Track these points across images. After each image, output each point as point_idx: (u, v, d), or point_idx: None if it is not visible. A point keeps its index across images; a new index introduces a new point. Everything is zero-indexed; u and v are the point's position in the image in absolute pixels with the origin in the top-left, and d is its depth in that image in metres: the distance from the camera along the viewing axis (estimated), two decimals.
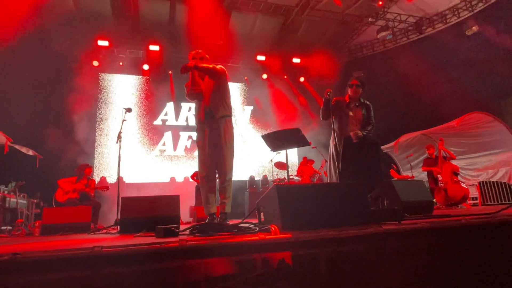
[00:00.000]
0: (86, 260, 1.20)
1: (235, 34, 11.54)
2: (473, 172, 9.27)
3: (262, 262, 1.36)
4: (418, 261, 1.60)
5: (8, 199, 7.39)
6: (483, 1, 10.54)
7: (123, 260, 1.24)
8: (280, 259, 1.38)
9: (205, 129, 3.38)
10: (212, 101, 3.37)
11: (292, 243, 1.43)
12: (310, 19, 11.34)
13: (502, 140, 8.54)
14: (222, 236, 1.68)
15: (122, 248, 1.30)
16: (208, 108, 3.35)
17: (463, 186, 6.64)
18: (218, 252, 1.34)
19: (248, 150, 12.16)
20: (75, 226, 4.18)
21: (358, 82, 3.94)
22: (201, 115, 3.37)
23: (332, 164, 3.78)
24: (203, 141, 3.39)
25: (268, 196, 1.87)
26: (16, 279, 1.12)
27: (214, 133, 3.35)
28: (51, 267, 1.16)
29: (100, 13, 10.41)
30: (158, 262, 1.27)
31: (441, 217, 2.46)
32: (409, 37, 12.35)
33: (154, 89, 11.65)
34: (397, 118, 11.10)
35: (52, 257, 1.20)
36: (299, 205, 1.73)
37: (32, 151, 8.10)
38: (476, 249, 1.72)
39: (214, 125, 3.36)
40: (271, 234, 1.55)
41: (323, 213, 1.74)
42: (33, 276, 1.14)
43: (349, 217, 1.77)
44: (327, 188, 1.85)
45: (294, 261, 1.40)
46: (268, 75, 12.79)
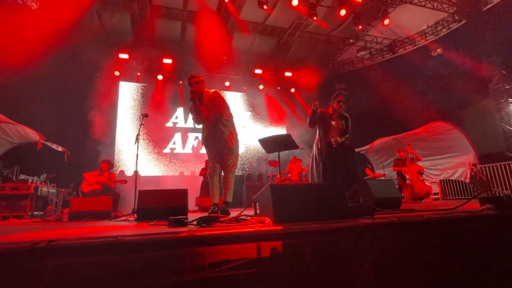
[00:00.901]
0: (110, 247, 1.21)
1: (236, 50, 11.54)
2: (435, 172, 9.34)
3: (257, 250, 1.38)
4: (387, 250, 1.62)
5: (40, 188, 7.34)
6: (446, 27, 10.63)
7: (141, 247, 1.25)
8: (272, 247, 1.40)
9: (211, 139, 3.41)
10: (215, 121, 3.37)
11: (283, 234, 1.44)
12: (300, 39, 11.37)
13: (460, 145, 8.60)
14: (224, 227, 1.69)
15: (140, 237, 1.31)
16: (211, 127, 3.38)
17: (426, 184, 6.70)
18: (221, 241, 1.35)
19: (246, 150, 12.19)
20: (98, 213, 4.17)
21: (343, 99, 3.98)
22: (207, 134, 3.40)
23: (314, 164, 3.81)
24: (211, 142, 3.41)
25: (263, 193, 1.87)
26: (52, 261, 1.14)
27: (219, 140, 3.39)
28: (81, 252, 1.18)
29: (122, 31, 10.38)
30: (171, 249, 1.28)
31: (407, 211, 2.49)
32: (384, 56, 12.42)
33: (166, 96, 11.60)
34: (372, 124, 11.16)
35: (82, 243, 1.21)
36: (289, 202, 1.74)
37: (61, 148, 8.04)
38: (435, 240, 1.74)
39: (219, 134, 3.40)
40: (265, 226, 1.56)
41: (309, 209, 1.75)
42: (66, 259, 1.15)
43: (330, 212, 1.78)
44: (312, 188, 1.87)
45: (284, 249, 1.41)
46: (264, 86, 12.79)
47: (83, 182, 6.00)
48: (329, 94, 4.28)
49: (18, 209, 6.58)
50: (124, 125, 11.05)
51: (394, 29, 11.10)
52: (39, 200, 7.30)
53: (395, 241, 1.66)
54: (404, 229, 1.70)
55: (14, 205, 6.59)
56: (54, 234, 1.77)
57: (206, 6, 9.34)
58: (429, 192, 6.63)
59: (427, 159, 9.46)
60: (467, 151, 8.49)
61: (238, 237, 1.38)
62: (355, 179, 3.52)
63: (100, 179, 5.98)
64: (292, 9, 9.13)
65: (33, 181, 7.33)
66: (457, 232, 1.81)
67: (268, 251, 1.39)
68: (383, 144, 9.98)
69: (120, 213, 4.99)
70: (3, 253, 1.10)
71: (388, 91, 11.82)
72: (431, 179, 9.20)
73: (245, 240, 1.38)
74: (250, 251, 1.36)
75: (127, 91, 11.44)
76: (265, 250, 1.39)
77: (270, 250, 1.40)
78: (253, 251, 1.37)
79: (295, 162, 8.86)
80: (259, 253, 1.37)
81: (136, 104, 11.34)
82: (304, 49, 11.96)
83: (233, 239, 1.37)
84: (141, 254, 1.24)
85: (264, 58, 12.43)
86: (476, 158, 8.35)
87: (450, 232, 1.80)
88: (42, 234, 1.85)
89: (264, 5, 8.14)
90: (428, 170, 9.38)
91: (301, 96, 13.24)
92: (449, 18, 10.38)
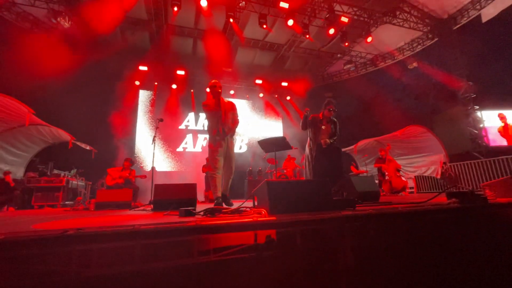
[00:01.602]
0: (129, 234, 1.22)
1: (240, 63, 11.56)
2: (411, 169, 9.33)
3: (254, 237, 1.39)
4: (366, 237, 1.63)
5: (71, 182, 7.37)
6: (421, 44, 10.61)
7: (155, 235, 1.26)
8: (267, 235, 1.41)
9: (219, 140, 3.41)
10: (226, 123, 3.44)
11: (276, 223, 1.44)
12: (295, 54, 11.38)
13: (432, 146, 8.59)
14: (227, 217, 1.70)
15: (155, 225, 1.32)
16: (222, 128, 3.39)
17: (403, 179, 6.68)
18: (223, 229, 1.36)
19: (248, 150, 12.19)
20: (119, 204, 4.15)
21: (333, 108, 3.97)
22: (219, 130, 3.40)
23: (307, 163, 3.81)
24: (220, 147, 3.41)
25: (261, 188, 1.88)
26: (79, 247, 1.15)
27: (227, 143, 3.45)
28: (105, 238, 1.19)
29: (141, 47, 10.42)
30: (180, 236, 1.28)
31: (385, 204, 2.49)
32: (367, 69, 12.40)
33: (179, 102, 11.61)
34: (356, 128, 11.15)
35: (105, 231, 1.22)
36: (282, 196, 1.74)
37: (89, 146, 8.07)
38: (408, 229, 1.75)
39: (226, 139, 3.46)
40: (262, 216, 1.58)
41: (299, 202, 1.75)
42: (91, 245, 1.16)
43: (318, 205, 1.78)
44: (302, 184, 1.87)
45: (277, 236, 1.41)
46: (264, 94, 12.78)
47: (107, 177, 6.01)
48: (319, 100, 4.28)
49: (52, 199, 6.62)
50: (143, 127, 11.07)
51: (376, 46, 11.09)
52: (70, 192, 7.33)
53: (373, 230, 1.66)
54: (381, 220, 1.71)
55: (49, 196, 6.63)
56: (82, 223, 1.79)
57: (213, 26, 9.35)
58: (405, 186, 6.61)
59: (404, 158, 9.46)
60: (438, 151, 8.49)
61: (238, 226, 1.39)
62: (341, 175, 3.52)
63: (122, 174, 5.99)
64: (288, 28, 9.14)
65: (65, 175, 7.36)
66: (427, 222, 1.81)
67: (264, 238, 1.40)
68: (366, 144, 9.97)
69: (139, 203, 5.00)
70: (38, 238, 1.11)
71: (370, 99, 11.83)
72: (407, 175, 9.19)
73: (244, 229, 1.39)
74: (248, 238, 1.37)
75: (145, 98, 11.45)
76: (261, 237, 1.39)
77: (265, 237, 1.41)
78: (251, 238, 1.38)
79: (289, 160, 8.86)
80: (256, 240, 1.38)
81: (153, 109, 11.35)
82: (298, 62, 11.97)
83: (233, 228, 1.38)
84: (155, 240, 1.25)
85: (264, 70, 12.43)
86: (446, 157, 8.34)
87: (421, 222, 1.80)
88: (71, 222, 1.87)
89: (264, 24, 8.14)
90: (405, 167, 9.37)
91: (295, 103, 13.23)
92: (424, 36, 10.36)
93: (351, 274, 1.55)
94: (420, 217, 1.82)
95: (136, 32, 9.61)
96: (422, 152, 8.97)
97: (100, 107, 9.47)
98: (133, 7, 8.32)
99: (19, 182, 6.61)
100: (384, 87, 12.39)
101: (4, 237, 1.09)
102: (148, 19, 9.16)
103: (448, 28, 9.61)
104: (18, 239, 1.10)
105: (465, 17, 9.21)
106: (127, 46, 10.19)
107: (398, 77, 11.59)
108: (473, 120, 9.44)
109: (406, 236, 1.72)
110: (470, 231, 1.81)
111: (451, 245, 1.75)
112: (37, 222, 1.89)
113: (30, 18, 8.57)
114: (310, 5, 8.55)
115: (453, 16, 9.50)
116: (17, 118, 6.16)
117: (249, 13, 8.82)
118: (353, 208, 1.92)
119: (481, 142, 9.21)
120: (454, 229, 1.80)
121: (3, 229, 1.43)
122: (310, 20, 8.97)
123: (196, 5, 7.96)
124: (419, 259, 1.68)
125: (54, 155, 8.21)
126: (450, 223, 1.81)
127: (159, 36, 9.97)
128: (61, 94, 8.60)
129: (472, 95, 9.48)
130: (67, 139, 7.27)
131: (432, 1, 9.17)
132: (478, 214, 1.90)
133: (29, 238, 1.10)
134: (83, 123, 8.61)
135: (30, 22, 8.61)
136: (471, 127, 9.50)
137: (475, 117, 9.43)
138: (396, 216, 1.76)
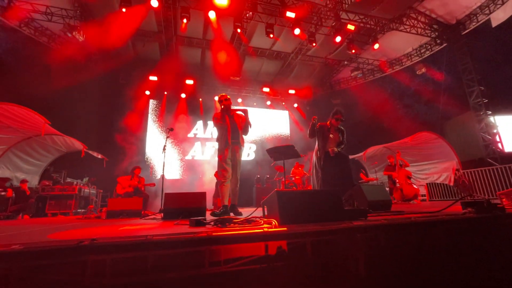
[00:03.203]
0: (142, 245, 1.23)
1: (247, 72, 11.69)
2: (422, 176, 9.13)
3: (265, 248, 1.38)
4: (378, 248, 1.59)
5: (83, 190, 7.51)
6: (429, 50, 10.51)
7: (167, 245, 1.26)
8: (278, 246, 1.40)
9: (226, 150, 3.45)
10: (234, 134, 3.51)
11: (287, 234, 1.43)
12: (302, 62, 11.42)
13: (444, 152, 8.41)
14: (237, 227, 1.69)
15: (166, 236, 1.33)
16: (227, 140, 3.46)
17: (414, 187, 6.53)
18: (234, 240, 1.35)
19: (256, 158, 12.19)
20: (130, 212, 4.21)
21: (341, 117, 3.95)
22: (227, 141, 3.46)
23: (314, 171, 3.77)
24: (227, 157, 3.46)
25: (271, 198, 1.86)
26: (94, 257, 1.17)
27: (234, 154, 3.49)
28: (118, 249, 1.20)
29: (152, 57, 10.68)
30: (192, 246, 1.28)
31: (397, 213, 2.44)
32: (375, 75, 12.33)
33: (189, 111, 11.78)
34: (366, 134, 11.04)
35: (119, 242, 1.24)
36: (293, 206, 1.72)
37: (100, 155, 8.23)
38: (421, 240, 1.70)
39: (235, 148, 3.51)
40: (272, 227, 1.56)
41: (310, 212, 1.73)
42: (105, 255, 1.17)
43: (328, 215, 1.75)
44: (312, 194, 1.85)
45: (288, 247, 1.40)
46: (271, 102, 12.85)
47: (117, 185, 6.09)
48: (327, 108, 4.29)
49: (65, 207, 6.75)
50: (153, 135, 11.24)
51: (383, 52, 11.04)
52: (82, 200, 7.46)
53: (385, 240, 1.63)
54: (393, 230, 1.67)
55: (61, 204, 6.76)
56: (96, 233, 1.81)
57: (222, 36, 9.53)
58: (416, 194, 6.46)
59: (415, 165, 9.27)
60: (450, 157, 8.30)
61: (248, 237, 1.38)
62: (350, 183, 3.47)
63: (132, 183, 6.06)
64: (294, 37, 9.23)
65: (78, 184, 7.51)
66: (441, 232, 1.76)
67: (274, 249, 1.39)
68: (375, 151, 9.84)
69: (149, 212, 5.04)
70: (54, 249, 1.14)
71: (379, 105, 11.71)
72: (419, 183, 8.98)
73: (254, 240, 1.38)
74: (259, 249, 1.36)
75: (155, 107, 11.66)
76: (272, 248, 1.38)
77: (276, 249, 1.39)
78: (262, 249, 1.37)
79: (298, 167, 8.80)
80: (267, 250, 1.37)
81: (163, 118, 11.55)
82: (305, 70, 12.00)
83: (244, 239, 1.37)
84: (167, 250, 1.25)
85: (271, 78, 12.53)
86: (459, 164, 8.13)
87: (435, 232, 1.75)
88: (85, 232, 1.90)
89: (271, 34, 8.25)
90: (416, 174, 9.18)
91: (303, 110, 13.24)
92: (432, 42, 10.26)
93: (363, 285, 1.51)
94: (434, 228, 1.77)
95: (147, 43, 9.87)
96: (434, 158, 8.77)
97: (112, 117, 9.71)
98: (144, 20, 8.58)
99: (34, 190, 6.78)
100: (392, 93, 12.29)
101: (22, 248, 1.12)
102: (158, 31, 9.42)
103: (457, 33, 9.50)
104: (35, 250, 1.12)
105: (474, 22, 9.10)
106: (138, 57, 10.48)
107: (407, 83, 11.48)
108: (486, 126, 9.20)
109: (419, 247, 1.68)
110: (487, 242, 1.75)
111: (466, 256, 1.69)
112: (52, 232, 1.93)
113: (47, 32, 8.96)
114: (317, 14, 8.63)
115: (461, 21, 9.40)
116: (33, 128, 6.37)
117: (256, 23, 8.97)
118: (365, 218, 1.88)
119: (495, 148, 8.94)
120: (470, 240, 1.74)
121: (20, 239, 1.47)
122: (316, 29, 9.04)
123: (204, 17, 8.16)
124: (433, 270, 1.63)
125: (67, 164, 8.42)
126: (465, 234, 1.75)
127: (169, 47, 10.22)
128: (74, 104, 8.87)
129: (484, 100, 9.27)
130: (79, 148, 7.44)
131: (440, 7, 9.11)
132: (495, 225, 1.83)
133: (45, 248, 1.13)
134: (95, 132, 8.84)
135: (47, 36, 8.99)
136: (484, 132, 9.25)
137: (488, 122, 9.19)
138: (409, 226, 1.72)
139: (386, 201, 2.93)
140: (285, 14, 7.81)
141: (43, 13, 8.02)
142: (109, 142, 9.26)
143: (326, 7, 8.56)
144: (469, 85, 9.56)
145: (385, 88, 12.22)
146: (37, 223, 3.39)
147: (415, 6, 9.07)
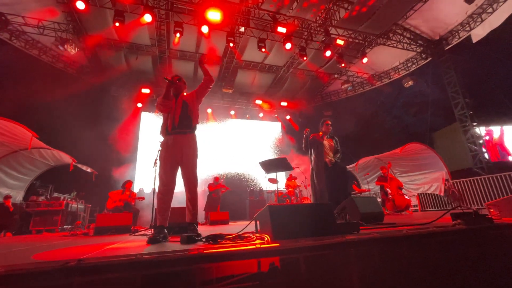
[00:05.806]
0: (131, 265, 1.20)
1: (240, 85, 11.83)
2: (413, 186, 9.24)
3: (257, 265, 1.36)
4: (371, 262, 1.59)
5: (70, 204, 7.28)
6: (415, 63, 10.92)
7: (157, 264, 1.24)
8: (271, 262, 1.38)
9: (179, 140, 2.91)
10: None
11: (280, 250, 1.41)
12: (293, 75, 11.66)
13: (433, 163, 8.57)
14: (229, 244, 1.67)
15: (157, 255, 1.31)
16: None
17: (406, 198, 6.61)
18: (226, 257, 1.33)
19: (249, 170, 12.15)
20: (119, 228, 4.10)
21: (330, 123, 4.07)
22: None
23: (312, 184, 3.79)
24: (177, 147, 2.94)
25: (263, 213, 1.85)
26: (80, 279, 1.13)
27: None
28: (106, 269, 1.17)
29: (144, 70, 10.72)
30: (183, 265, 1.26)
31: (389, 226, 2.45)
32: (364, 88, 12.65)
33: None
34: (357, 146, 11.19)
35: (107, 262, 1.20)
36: (285, 221, 1.71)
37: (90, 169, 8.06)
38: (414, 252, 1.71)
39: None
40: (265, 243, 1.55)
41: (303, 226, 1.72)
42: (92, 276, 1.14)
43: (321, 229, 1.75)
44: (305, 208, 1.85)
45: (281, 263, 1.38)
46: (264, 114, 12.97)
47: (108, 200, 5.95)
48: (319, 120, 4.35)
49: (50, 223, 6.51)
50: (144, 148, 11.10)
51: (372, 66, 11.41)
52: (69, 215, 7.22)
53: (378, 254, 1.63)
54: (385, 243, 1.68)
55: (47, 220, 6.52)
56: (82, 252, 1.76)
57: (214, 50, 9.69)
58: (408, 205, 6.52)
59: (406, 175, 9.40)
60: (440, 168, 8.46)
61: (240, 254, 1.37)
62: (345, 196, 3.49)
63: (122, 197, 5.94)
64: (285, 51, 9.47)
65: (65, 198, 7.28)
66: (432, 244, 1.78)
67: (267, 265, 1.37)
68: (367, 162, 9.95)
69: (139, 227, 4.91)
70: (39, 272, 1.10)
71: (369, 116, 11.98)
72: (410, 193, 9.08)
73: (247, 257, 1.36)
74: (251, 266, 1.34)
75: (147, 120, 11.61)
76: (265, 264, 1.37)
77: (268, 265, 1.38)
78: (254, 266, 1.35)
79: (291, 179, 8.80)
80: (259, 267, 1.35)
81: (155, 131, 11.46)
82: (296, 83, 12.23)
83: (236, 256, 1.35)
84: (157, 269, 1.22)
85: (263, 91, 12.71)
86: (448, 174, 8.29)
87: (426, 244, 1.77)
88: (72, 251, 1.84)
89: (263, 48, 8.44)
90: (407, 185, 9.29)
91: (295, 122, 13.38)
92: (417, 56, 10.68)
93: None
94: (425, 240, 1.79)
95: (140, 56, 9.93)
96: (424, 169, 8.93)
97: (102, 129, 9.57)
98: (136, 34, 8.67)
99: (18, 206, 6.53)
100: (382, 105, 12.60)
101: (4, 271, 1.08)
102: (151, 44, 9.51)
103: (441, 48, 9.94)
104: (18, 273, 1.08)
105: (456, 37, 9.56)
106: (130, 70, 10.50)
107: (395, 95, 11.81)
108: (472, 136, 9.49)
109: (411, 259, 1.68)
110: (476, 254, 1.77)
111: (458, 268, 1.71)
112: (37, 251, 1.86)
113: (38, 45, 8.92)
114: (307, 29, 8.91)
115: (444, 37, 9.86)
116: (20, 142, 6.21)
117: (248, 37, 9.17)
118: (357, 231, 1.89)
119: (482, 158, 9.19)
120: (461, 251, 1.76)
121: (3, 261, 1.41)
122: (307, 43, 9.30)
123: (197, 31, 8.30)
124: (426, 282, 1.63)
125: (55, 178, 8.19)
126: (456, 245, 1.77)
127: (162, 60, 10.30)
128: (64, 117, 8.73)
129: (468, 111, 9.60)
130: (68, 162, 7.28)
131: (423, 24, 9.56)
132: (484, 236, 1.87)
133: (30, 271, 1.09)
134: (85, 146, 8.66)
135: (38, 49, 8.94)
136: (470, 143, 9.53)
137: (473, 133, 9.49)
138: (400, 239, 1.74)
139: (379, 213, 2.95)
140: (276, 29, 8.03)
141: (35, 27, 8.02)
142: (99, 155, 9.09)
143: (316, 23, 8.86)
144: (454, 97, 9.92)
145: (375, 100, 12.53)
146: (21, 242, 3.25)
147: (401, 23, 9.49)
